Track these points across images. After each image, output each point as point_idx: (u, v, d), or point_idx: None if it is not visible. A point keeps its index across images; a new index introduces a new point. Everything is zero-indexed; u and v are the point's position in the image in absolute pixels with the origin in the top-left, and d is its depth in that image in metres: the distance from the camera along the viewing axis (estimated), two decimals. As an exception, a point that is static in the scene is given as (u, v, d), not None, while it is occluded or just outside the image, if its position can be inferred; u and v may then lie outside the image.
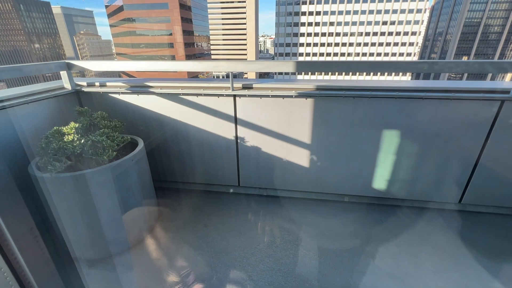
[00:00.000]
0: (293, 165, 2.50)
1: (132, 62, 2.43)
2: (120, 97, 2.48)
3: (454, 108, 2.05)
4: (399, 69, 2.01)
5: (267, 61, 2.17)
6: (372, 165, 2.38)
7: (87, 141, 1.82)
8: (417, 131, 2.18)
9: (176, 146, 2.62)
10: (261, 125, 2.38)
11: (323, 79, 2.47)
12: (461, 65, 1.97)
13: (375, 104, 2.14)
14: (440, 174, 2.32)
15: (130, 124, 2.52)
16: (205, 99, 2.36)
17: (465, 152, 2.19)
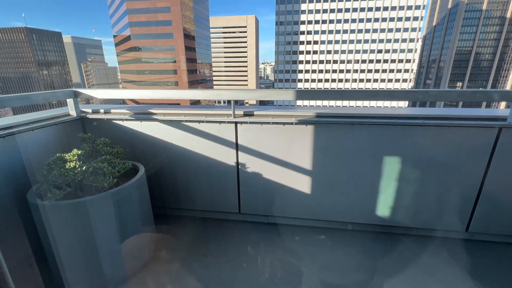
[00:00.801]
0: (294, 192, 2.47)
1: (136, 90, 2.50)
2: (124, 124, 2.52)
3: (453, 136, 2.07)
4: (396, 97, 2.06)
5: (268, 90, 2.24)
6: (375, 192, 2.35)
7: (89, 167, 1.81)
8: (417, 158, 2.18)
9: (176, 172, 2.61)
10: (262, 151, 2.39)
11: (322, 106, 2.53)
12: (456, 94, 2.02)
13: (374, 131, 2.17)
14: (444, 202, 2.28)
15: (132, 150, 2.54)
16: (207, 126, 2.40)
17: (468, 179, 2.17)
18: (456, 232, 2.37)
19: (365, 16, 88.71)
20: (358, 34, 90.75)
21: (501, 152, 2.04)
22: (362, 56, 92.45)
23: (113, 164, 1.95)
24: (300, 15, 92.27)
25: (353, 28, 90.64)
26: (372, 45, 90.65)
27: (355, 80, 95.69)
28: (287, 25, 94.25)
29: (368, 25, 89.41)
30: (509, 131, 1.99)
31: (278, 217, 2.63)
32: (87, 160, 1.98)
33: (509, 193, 2.14)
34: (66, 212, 1.66)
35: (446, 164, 2.15)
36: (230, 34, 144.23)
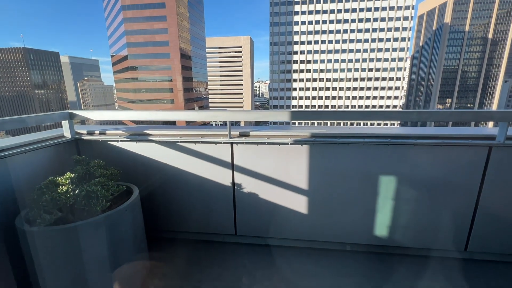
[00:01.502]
0: (291, 212, 2.44)
1: (132, 112, 2.51)
2: (119, 145, 2.51)
3: (445, 155, 2.11)
4: (388, 118, 2.11)
5: (263, 111, 2.27)
6: (372, 212, 2.33)
7: (82, 191, 1.77)
8: (412, 177, 2.20)
9: (171, 193, 2.57)
10: (258, 171, 2.39)
11: (316, 125, 2.57)
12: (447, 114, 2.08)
13: (369, 151, 2.19)
14: (441, 221, 2.27)
15: (127, 171, 2.51)
16: (203, 146, 2.40)
17: (462, 198, 2.18)
18: (455, 251, 2.35)
19: (355, 37, 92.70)
20: (349, 54, 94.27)
21: (493, 170, 2.07)
22: (354, 74, 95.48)
23: (106, 186, 1.92)
24: (293, 36, 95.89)
25: (344, 48, 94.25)
26: (363, 64, 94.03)
27: (348, 97, 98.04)
28: (280, 45, 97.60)
29: (359, 45, 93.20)
30: (499, 150, 2.03)
31: (275, 238, 2.57)
32: (80, 183, 1.95)
33: (506, 211, 2.15)
34: (56, 238, 1.59)
35: (441, 183, 2.17)
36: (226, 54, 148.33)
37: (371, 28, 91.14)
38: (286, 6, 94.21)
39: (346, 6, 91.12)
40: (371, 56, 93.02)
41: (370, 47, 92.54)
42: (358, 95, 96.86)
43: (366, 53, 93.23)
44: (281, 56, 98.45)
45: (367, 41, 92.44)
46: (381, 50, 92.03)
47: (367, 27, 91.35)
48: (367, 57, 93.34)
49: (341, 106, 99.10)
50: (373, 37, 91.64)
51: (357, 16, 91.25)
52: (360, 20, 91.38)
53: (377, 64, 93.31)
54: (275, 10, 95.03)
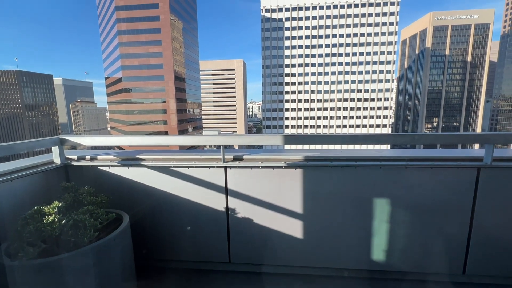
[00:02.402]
0: (286, 237, 2.38)
1: (125, 137, 2.50)
2: (110, 170, 2.46)
3: (437, 176, 2.14)
4: (380, 141, 2.16)
5: (257, 135, 2.29)
6: (367, 235, 2.30)
7: (68, 220, 1.69)
8: (405, 200, 2.20)
9: (163, 219, 2.49)
10: (253, 196, 2.36)
11: (309, 149, 2.59)
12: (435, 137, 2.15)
13: (362, 173, 2.21)
14: (437, 244, 2.25)
15: (118, 197, 2.44)
16: (196, 171, 2.38)
17: (456, 219, 2.19)
18: (453, 275, 2.31)
19: (343, 60, 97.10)
20: (339, 76, 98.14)
21: (483, 191, 2.10)
22: (344, 95, 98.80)
23: (95, 215, 1.86)
24: (284, 59, 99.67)
25: (334, 71, 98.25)
26: (352, 85, 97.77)
27: (339, 117, 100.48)
28: (272, 68, 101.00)
29: (347, 68, 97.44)
30: (487, 171, 2.08)
31: (270, 265, 2.49)
32: (67, 211, 1.88)
33: (501, 232, 2.15)
34: (39, 272, 1.49)
35: (434, 205, 2.18)
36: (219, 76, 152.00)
37: (358, 52, 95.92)
38: (277, 32, 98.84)
39: (333, 32, 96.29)
40: (360, 78, 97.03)
41: (358, 70, 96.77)
42: (349, 115, 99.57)
43: (354, 75, 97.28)
44: (273, 78, 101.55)
45: (355, 64, 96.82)
46: (369, 72, 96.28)
47: (354, 51, 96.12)
48: (356, 79, 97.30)
49: (333, 125, 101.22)
50: (361, 60, 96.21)
51: (344, 41, 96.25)
52: (348, 45, 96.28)
53: (365, 86, 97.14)
54: (267, 35, 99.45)
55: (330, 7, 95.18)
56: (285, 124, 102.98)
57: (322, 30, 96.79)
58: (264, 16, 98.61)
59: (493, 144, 2.04)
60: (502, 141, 2.07)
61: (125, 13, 73.91)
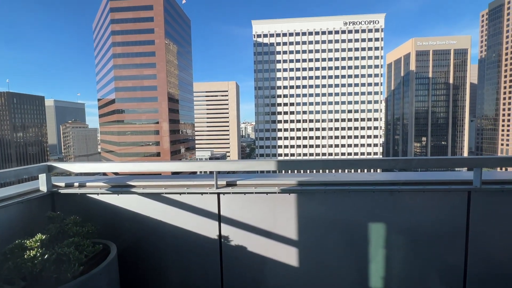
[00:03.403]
0: (281, 265, 2.30)
1: (115, 163, 2.45)
2: (99, 198, 2.38)
3: (429, 200, 2.15)
4: (372, 165, 2.18)
5: (251, 161, 2.29)
6: (363, 262, 2.25)
7: (52, 254, 1.57)
8: (400, 224, 2.19)
9: (153, 249, 2.38)
10: (246, 222, 2.30)
11: (303, 173, 2.59)
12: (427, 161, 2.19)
13: (356, 198, 2.20)
14: (434, 268, 2.21)
15: (106, 225, 2.34)
16: (189, 197, 2.32)
17: (452, 243, 2.17)
18: None
19: (333, 82, 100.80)
20: (329, 97, 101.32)
21: (475, 214, 2.11)
22: (335, 115, 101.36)
23: (81, 247, 1.77)
24: (276, 81, 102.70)
25: (324, 92, 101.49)
26: (343, 106, 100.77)
27: (331, 137, 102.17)
28: (265, 90, 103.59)
29: (337, 89, 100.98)
30: (478, 194, 2.11)
31: None
32: (51, 244, 1.77)
33: (496, 257, 2.14)
34: None
35: (428, 230, 2.17)
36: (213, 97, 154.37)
37: (347, 75, 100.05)
38: (269, 55, 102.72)
39: (323, 56, 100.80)
40: (349, 99, 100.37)
41: (348, 91, 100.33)
42: (341, 134, 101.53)
43: (344, 96, 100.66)
44: (266, 99, 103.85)
45: (344, 86, 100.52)
46: (358, 93, 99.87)
47: (343, 74, 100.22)
48: (346, 100, 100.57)
49: (325, 145, 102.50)
50: (350, 82, 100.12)
51: (333, 64, 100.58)
52: (337, 68, 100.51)
53: (355, 106, 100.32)
54: (259, 59, 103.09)
55: (319, 33, 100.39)
56: (278, 144, 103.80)
57: (312, 54, 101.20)
58: (256, 40, 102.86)
59: (481, 167, 2.09)
60: (489, 165, 2.12)
61: (121, 37, 75.86)
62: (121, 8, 74.62)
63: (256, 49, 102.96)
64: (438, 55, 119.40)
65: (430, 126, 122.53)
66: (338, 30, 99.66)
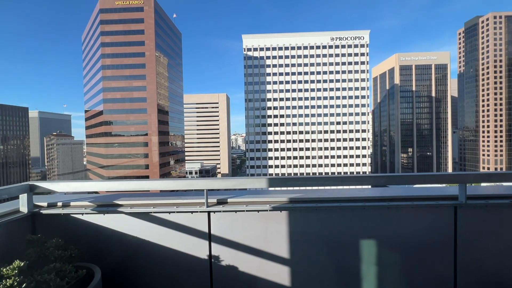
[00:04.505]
0: (274, 285, 2.25)
1: (102, 182, 2.37)
2: (84, 218, 2.28)
3: (418, 215, 2.19)
4: (361, 182, 2.21)
5: (242, 178, 2.27)
6: (357, 277, 2.23)
7: (30, 283, 1.49)
8: (390, 240, 2.20)
9: (140, 270, 2.29)
10: (237, 241, 2.26)
11: (294, 189, 2.59)
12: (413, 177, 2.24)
13: (347, 214, 2.21)
14: (425, 283, 2.22)
15: (91, 247, 2.24)
16: (178, 216, 2.27)
17: (441, 257, 2.20)
18: None
19: (322, 95, 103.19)
20: (318, 109, 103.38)
21: (463, 230, 2.16)
22: (324, 127, 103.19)
23: (62, 273, 1.67)
24: (266, 94, 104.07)
25: (313, 104, 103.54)
26: (331, 118, 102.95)
27: (321, 148, 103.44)
28: (255, 102, 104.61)
29: (326, 102, 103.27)
30: (463, 209, 2.16)
31: None
32: (30, 271, 1.66)
33: (484, 269, 2.17)
34: None
35: (418, 244, 2.19)
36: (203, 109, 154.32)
37: (335, 88, 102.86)
38: (259, 68, 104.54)
39: (311, 70, 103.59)
40: (338, 111, 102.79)
41: (336, 104, 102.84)
42: (330, 146, 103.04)
43: (333, 108, 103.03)
44: (256, 111, 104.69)
45: (332, 99, 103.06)
46: (346, 106, 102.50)
47: (331, 87, 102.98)
48: (334, 112, 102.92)
49: (315, 156, 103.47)
50: (338, 95, 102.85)
51: (322, 77, 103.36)
52: (325, 81, 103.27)
53: (343, 118, 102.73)
54: (249, 72, 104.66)
55: (307, 48, 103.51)
56: (268, 155, 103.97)
57: (301, 68, 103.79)
58: (247, 54, 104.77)
59: (465, 183, 2.16)
60: (472, 180, 2.19)
61: (111, 49, 75.55)
62: (111, 20, 74.76)
63: (247, 62, 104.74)
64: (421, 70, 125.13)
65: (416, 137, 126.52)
66: (326, 45, 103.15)
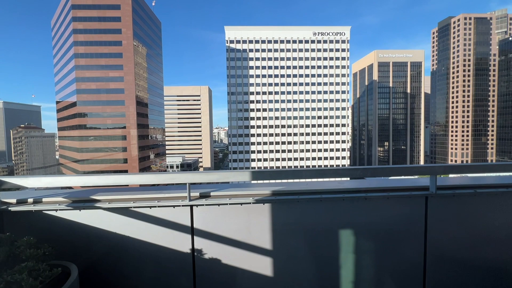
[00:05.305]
0: (257, 276, 2.30)
1: (78, 176, 2.25)
2: (58, 214, 2.17)
3: (392, 205, 2.32)
4: (340, 174, 2.29)
5: (225, 172, 2.27)
6: (336, 267, 2.33)
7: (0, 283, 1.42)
8: (367, 229, 2.32)
9: (120, 267, 2.23)
10: (220, 234, 2.26)
11: (276, 182, 2.63)
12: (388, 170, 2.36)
13: (327, 205, 2.29)
14: (398, 269, 2.37)
15: (67, 245, 2.14)
16: (159, 211, 2.23)
17: (413, 244, 2.35)
18: None
19: (304, 89, 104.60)
20: (300, 103, 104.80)
21: (433, 218, 2.32)
22: (306, 121, 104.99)
23: (36, 272, 1.58)
24: (249, 87, 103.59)
25: (295, 99, 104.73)
26: (313, 112, 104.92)
27: (302, 142, 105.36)
28: (238, 95, 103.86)
29: (307, 96, 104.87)
30: (434, 199, 2.32)
31: None
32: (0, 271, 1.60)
33: (451, 253, 2.35)
34: None
35: (392, 232, 2.33)
36: (184, 102, 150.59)
37: (316, 82, 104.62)
38: (241, 61, 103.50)
39: (294, 64, 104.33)
40: (319, 106, 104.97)
41: (317, 98, 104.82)
42: (311, 140, 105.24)
43: (314, 103, 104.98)
44: (239, 105, 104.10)
45: (314, 93, 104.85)
46: (326, 100, 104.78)
47: (313, 81, 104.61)
48: (316, 107, 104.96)
49: (297, 150, 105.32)
50: (319, 89, 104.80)
51: (304, 72, 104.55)
52: (307, 76, 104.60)
53: (324, 113, 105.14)
54: (232, 64, 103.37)
55: (290, 42, 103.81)
56: (251, 149, 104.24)
57: (283, 62, 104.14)
58: (229, 46, 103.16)
59: (435, 175, 2.30)
60: (442, 172, 2.35)
61: (84, 37, 70.97)
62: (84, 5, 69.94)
63: (229, 54, 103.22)
64: (397, 67, 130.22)
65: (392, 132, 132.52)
66: (308, 40, 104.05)
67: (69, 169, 77.89)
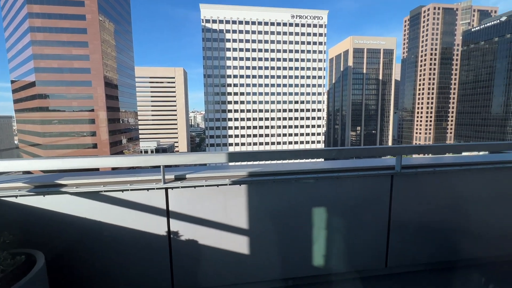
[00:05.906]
0: (234, 255, 2.36)
1: (40, 159, 2.10)
2: (18, 201, 2.03)
3: (362, 183, 2.47)
4: (315, 155, 2.37)
5: (201, 153, 2.24)
6: (308, 243, 2.47)
7: None
8: (338, 206, 2.47)
9: (92, 253, 2.17)
10: (197, 215, 2.27)
11: (253, 164, 2.66)
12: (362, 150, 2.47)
13: (302, 186, 2.38)
14: (365, 243, 2.57)
15: (30, 233, 2.02)
16: (133, 194, 2.16)
17: (378, 220, 2.55)
18: (378, 270, 2.65)
19: (281, 73, 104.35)
20: (277, 88, 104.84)
21: (396, 194, 2.51)
22: (283, 106, 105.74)
23: None
24: (226, 70, 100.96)
25: (273, 83, 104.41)
26: (290, 97, 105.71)
27: (279, 126, 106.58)
28: (214, 78, 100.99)
29: (285, 80, 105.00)
30: (398, 177, 2.50)
31: (219, 286, 2.41)
32: None
33: (412, 227, 2.60)
34: None
35: (361, 209, 2.50)
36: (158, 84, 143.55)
37: (294, 67, 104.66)
38: (218, 43, 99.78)
39: (271, 47, 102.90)
40: (296, 90, 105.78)
41: (294, 83, 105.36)
42: (288, 124, 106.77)
43: (291, 87, 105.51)
44: (216, 88, 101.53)
45: (291, 77, 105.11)
46: (303, 85, 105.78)
47: (290, 66, 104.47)
48: (292, 91, 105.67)
49: (274, 134, 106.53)
50: (296, 74, 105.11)
51: (282, 56, 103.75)
52: (284, 60, 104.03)
53: (301, 97, 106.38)
54: (208, 45, 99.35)
55: (268, 24, 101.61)
56: (228, 133, 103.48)
57: (261, 44, 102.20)
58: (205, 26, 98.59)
59: (401, 155, 2.47)
60: (407, 152, 2.52)
61: (40, 8, 63.45)
62: (38, -29, 62.06)
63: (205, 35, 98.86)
64: (371, 53, 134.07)
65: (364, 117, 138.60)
66: (286, 23, 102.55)
67: (30, 155, 71.99)
